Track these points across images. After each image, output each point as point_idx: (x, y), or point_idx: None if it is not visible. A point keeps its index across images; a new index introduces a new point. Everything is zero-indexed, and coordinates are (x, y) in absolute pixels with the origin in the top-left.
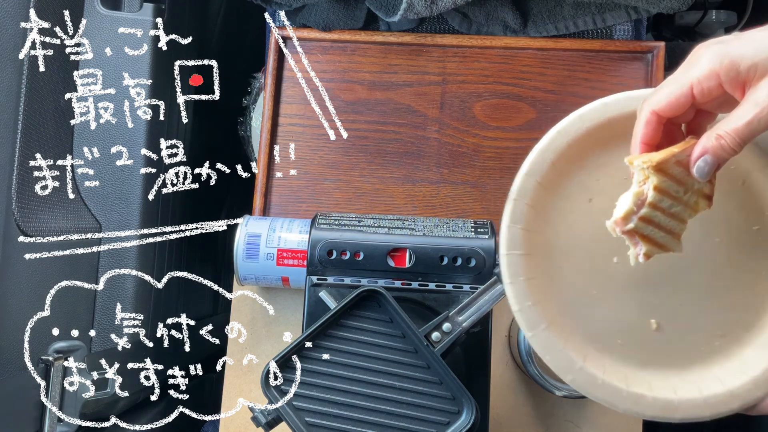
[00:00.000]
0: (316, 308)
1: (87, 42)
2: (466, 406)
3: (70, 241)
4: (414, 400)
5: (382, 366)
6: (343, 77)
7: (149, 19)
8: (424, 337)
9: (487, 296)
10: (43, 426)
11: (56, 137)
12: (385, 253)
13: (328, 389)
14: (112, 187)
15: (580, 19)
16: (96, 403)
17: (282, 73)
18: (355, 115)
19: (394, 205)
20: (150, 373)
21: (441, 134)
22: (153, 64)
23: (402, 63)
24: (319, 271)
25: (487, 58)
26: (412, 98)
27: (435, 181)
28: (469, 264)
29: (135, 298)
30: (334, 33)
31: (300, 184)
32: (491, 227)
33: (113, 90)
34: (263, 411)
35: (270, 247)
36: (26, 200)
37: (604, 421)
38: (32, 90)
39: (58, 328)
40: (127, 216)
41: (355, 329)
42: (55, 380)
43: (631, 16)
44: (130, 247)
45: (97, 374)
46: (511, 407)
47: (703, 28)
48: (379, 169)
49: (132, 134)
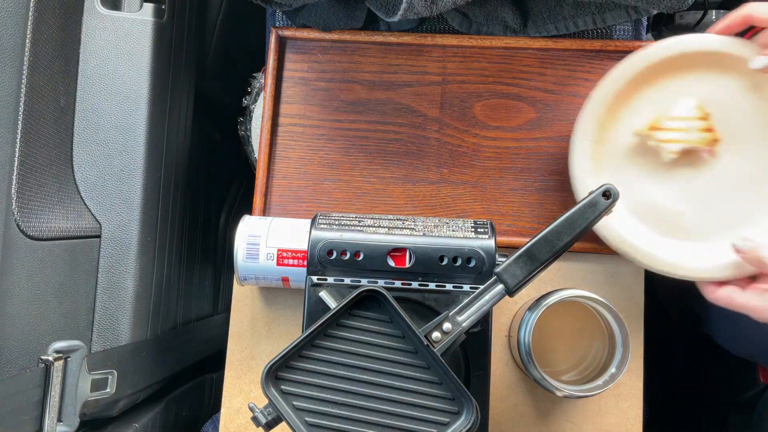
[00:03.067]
0: (316, 308)
1: (87, 42)
2: (466, 406)
3: (70, 241)
4: (414, 401)
5: (382, 366)
6: (343, 77)
7: (149, 19)
8: (424, 337)
9: (487, 296)
10: (43, 426)
11: (56, 137)
12: (385, 253)
13: (328, 389)
14: (112, 187)
15: (580, 19)
16: (96, 403)
17: (282, 73)
18: (355, 115)
19: (394, 205)
20: (150, 373)
21: (441, 134)
22: (153, 63)
23: (402, 63)
24: (319, 271)
25: (487, 58)
26: (412, 98)
27: (435, 181)
28: (469, 264)
29: (135, 298)
30: (334, 33)
31: (300, 184)
32: (491, 227)
33: (113, 90)
34: (263, 411)
35: (270, 247)
36: (26, 200)
37: (605, 421)
38: (32, 90)
39: (58, 328)
40: (127, 216)
41: (355, 329)
42: (55, 380)
43: (631, 16)
44: (130, 247)
45: (97, 374)
46: (511, 407)
47: (703, 28)
48: (379, 169)
49: (132, 134)
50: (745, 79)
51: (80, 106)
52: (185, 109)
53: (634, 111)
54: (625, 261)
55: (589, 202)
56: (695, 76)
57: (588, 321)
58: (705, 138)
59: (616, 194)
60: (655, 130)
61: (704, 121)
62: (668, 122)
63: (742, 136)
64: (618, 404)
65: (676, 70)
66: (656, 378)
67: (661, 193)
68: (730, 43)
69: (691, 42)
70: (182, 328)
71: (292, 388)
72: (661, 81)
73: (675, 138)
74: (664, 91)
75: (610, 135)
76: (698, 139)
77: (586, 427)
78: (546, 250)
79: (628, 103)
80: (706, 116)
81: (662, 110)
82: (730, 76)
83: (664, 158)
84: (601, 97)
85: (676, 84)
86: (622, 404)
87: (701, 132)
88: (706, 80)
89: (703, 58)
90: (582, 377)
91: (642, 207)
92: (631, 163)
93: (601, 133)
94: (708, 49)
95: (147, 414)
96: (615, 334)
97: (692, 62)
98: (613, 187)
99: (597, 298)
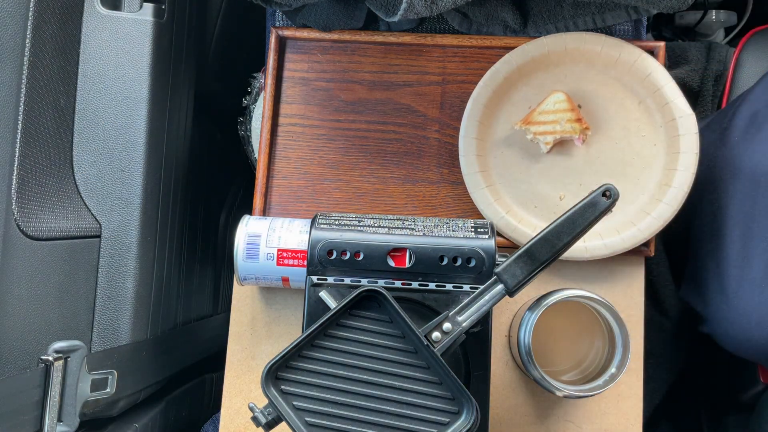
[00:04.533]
0: (316, 308)
1: (87, 42)
2: (466, 406)
3: (70, 241)
4: (414, 401)
5: (382, 366)
6: (343, 77)
7: (149, 19)
8: (424, 337)
9: (487, 296)
10: (43, 426)
11: (56, 137)
12: (385, 253)
13: (328, 389)
14: (112, 187)
15: (580, 19)
16: (96, 403)
17: (282, 73)
18: (355, 115)
19: (394, 205)
20: (150, 373)
21: (441, 134)
22: (153, 63)
23: (402, 63)
24: (319, 271)
25: (487, 58)
26: (412, 98)
27: (435, 181)
28: (469, 264)
29: (135, 298)
30: (334, 33)
31: (300, 184)
32: (491, 227)
33: (113, 90)
34: (263, 411)
35: (270, 247)
36: (26, 200)
37: (605, 421)
38: (32, 90)
39: (58, 328)
40: (127, 216)
41: (355, 329)
42: (55, 380)
43: (631, 16)
44: (130, 247)
45: (97, 374)
46: (511, 407)
47: (703, 28)
48: (379, 169)
49: (132, 134)
50: (607, 71)
51: (80, 106)
52: (185, 109)
53: (512, 107)
54: (625, 261)
55: (589, 201)
56: (562, 71)
57: (588, 321)
58: (575, 127)
59: (616, 194)
60: (529, 124)
61: (573, 111)
62: (540, 116)
63: (608, 123)
64: (618, 404)
65: (544, 67)
66: (656, 378)
67: (542, 182)
68: (586, 38)
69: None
70: (182, 328)
71: (292, 388)
72: (532, 78)
73: (548, 130)
74: (536, 88)
75: (491, 131)
76: (569, 129)
77: (586, 427)
78: (546, 250)
79: (507, 100)
80: (575, 107)
81: (535, 105)
82: (593, 69)
83: (542, 149)
84: (479, 97)
85: (546, 79)
86: (622, 404)
87: (571, 122)
88: (573, 74)
89: (565, 54)
90: (582, 377)
91: (526, 196)
92: (513, 156)
93: (483, 131)
94: (568, 47)
95: (147, 414)
96: (615, 334)
97: (557, 59)
98: (613, 187)
99: (597, 298)
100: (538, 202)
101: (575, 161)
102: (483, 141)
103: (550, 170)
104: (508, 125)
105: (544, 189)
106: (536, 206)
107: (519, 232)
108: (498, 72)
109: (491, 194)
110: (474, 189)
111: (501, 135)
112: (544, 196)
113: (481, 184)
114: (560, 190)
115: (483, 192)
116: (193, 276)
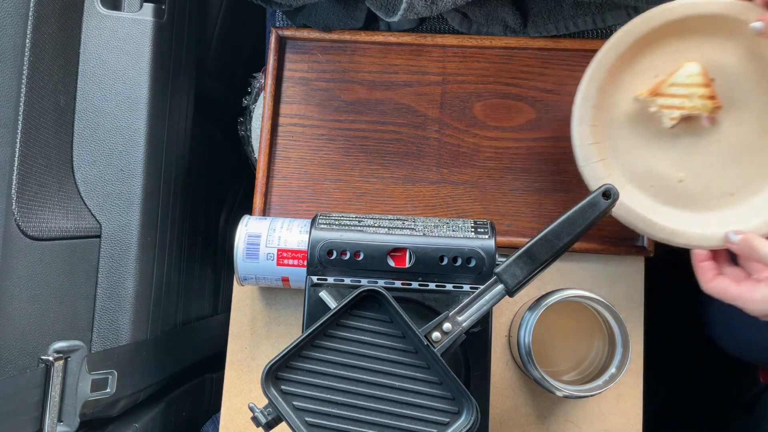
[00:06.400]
0: (316, 308)
1: (87, 42)
2: (466, 406)
3: (70, 241)
4: (414, 400)
5: (382, 366)
6: (343, 77)
7: (149, 19)
8: (424, 337)
9: (487, 296)
10: (43, 426)
11: (56, 137)
12: (385, 253)
13: (328, 389)
14: (112, 187)
15: (580, 19)
16: (96, 403)
17: (282, 73)
18: (355, 115)
19: (394, 205)
20: (150, 373)
21: (441, 134)
22: (153, 63)
23: (402, 63)
24: (319, 271)
25: (487, 58)
26: (412, 98)
27: (435, 181)
28: (469, 264)
29: (135, 298)
30: (334, 33)
31: (300, 184)
32: (491, 227)
33: (113, 90)
34: (263, 411)
35: (270, 247)
36: (26, 200)
37: (605, 421)
38: (32, 90)
39: (58, 328)
40: (127, 216)
41: (355, 329)
42: (55, 380)
43: (631, 16)
44: (130, 247)
45: (97, 374)
46: (511, 407)
47: None
48: (379, 169)
49: (132, 134)
50: (749, 44)
51: (80, 106)
52: (185, 109)
53: (636, 76)
54: (625, 261)
55: (589, 202)
56: (698, 40)
57: (588, 321)
58: (706, 105)
59: (615, 194)
60: (656, 95)
61: (707, 87)
62: (670, 88)
63: (743, 103)
64: (618, 404)
65: (680, 33)
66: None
67: (660, 161)
68: (734, 7)
69: (695, 4)
70: (182, 328)
71: (292, 388)
72: (663, 45)
73: (676, 104)
74: (667, 56)
75: (611, 100)
76: (700, 105)
77: (586, 427)
78: (546, 250)
79: (630, 68)
80: (709, 82)
81: (664, 75)
82: (734, 41)
83: (665, 124)
84: (603, 61)
85: (679, 48)
86: (622, 404)
87: (703, 99)
88: (710, 45)
89: (706, 21)
90: (582, 377)
91: (641, 174)
92: (631, 130)
93: (603, 99)
94: (712, 12)
95: (147, 414)
96: (615, 334)
97: (696, 26)
98: (612, 187)
99: (597, 298)
100: (655, 181)
101: (700, 141)
102: (600, 110)
103: (672, 148)
104: (630, 95)
105: (662, 167)
106: (652, 185)
107: (632, 214)
108: (628, 34)
109: (605, 168)
110: (585, 162)
111: (621, 105)
112: (662, 176)
113: (594, 157)
114: (680, 170)
115: (595, 166)
116: (193, 276)
